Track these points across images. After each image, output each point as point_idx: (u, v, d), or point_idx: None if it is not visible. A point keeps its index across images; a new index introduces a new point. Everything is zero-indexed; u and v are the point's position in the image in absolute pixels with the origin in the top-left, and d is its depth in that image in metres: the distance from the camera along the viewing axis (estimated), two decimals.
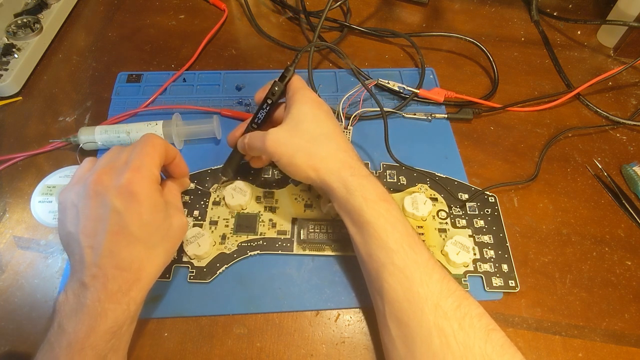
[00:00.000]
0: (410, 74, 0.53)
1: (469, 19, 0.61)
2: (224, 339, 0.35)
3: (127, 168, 0.30)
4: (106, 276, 0.28)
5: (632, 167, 0.44)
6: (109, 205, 0.28)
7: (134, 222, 0.29)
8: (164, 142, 0.33)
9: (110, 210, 0.28)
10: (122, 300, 0.28)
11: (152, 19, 0.60)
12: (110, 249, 0.28)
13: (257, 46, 0.57)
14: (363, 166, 0.34)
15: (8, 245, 0.40)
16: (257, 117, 0.38)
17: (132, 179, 0.29)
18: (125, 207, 0.28)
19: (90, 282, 0.27)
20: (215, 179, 0.42)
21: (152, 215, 0.30)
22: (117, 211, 0.28)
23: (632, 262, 0.40)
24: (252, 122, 0.38)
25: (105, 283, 0.28)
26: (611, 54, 0.57)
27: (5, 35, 0.52)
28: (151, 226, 0.30)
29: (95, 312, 0.27)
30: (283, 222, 0.40)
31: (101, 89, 0.51)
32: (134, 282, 0.29)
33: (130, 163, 0.30)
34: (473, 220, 0.41)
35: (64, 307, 0.28)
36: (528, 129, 0.49)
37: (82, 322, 0.27)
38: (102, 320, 0.27)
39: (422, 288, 0.29)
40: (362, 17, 0.61)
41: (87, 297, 0.27)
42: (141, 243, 0.29)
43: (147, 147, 0.31)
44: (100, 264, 0.28)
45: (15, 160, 0.45)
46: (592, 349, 0.35)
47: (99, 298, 0.27)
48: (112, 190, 0.29)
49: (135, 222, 0.29)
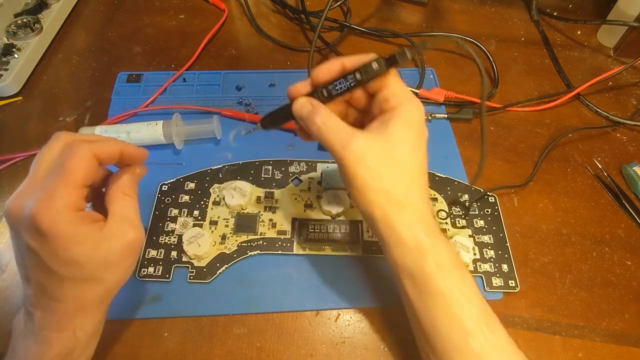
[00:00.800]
0: (410, 74, 0.53)
1: (469, 19, 0.61)
2: (224, 339, 0.35)
3: (37, 197, 0.25)
4: (43, 307, 0.26)
5: (632, 167, 0.44)
6: (23, 243, 0.25)
7: (52, 261, 0.25)
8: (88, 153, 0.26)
9: (25, 248, 0.25)
10: (67, 328, 0.27)
11: (152, 19, 0.60)
12: (39, 284, 0.26)
13: (257, 46, 0.57)
14: (435, 220, 0.29)
15: (8, 245, 0.40)
16: (336, 87, 0.29)
17: (41, 213, 0.24)
18: (39, 246, 0.24)
19: (32, 310, 0.26)
20: (214, 179, 0.43)
21: (72, 251, 0.25)
22: (32, 250, 0.25)
23: (632, 262, 0.40)
24: (324, 89, 0.29)
25: (44, 313, 0.26)
26: (611, 54, 0.57)
27: (5, 35, 0.52)
28: (76, 262, 0.25)
29: (41, 339, 0.26)
30: (283, 222, 0.40)
31: (101, 89, 0.51)
32: (75, 311, 0.27)
33: (44, 189, 0.25)
34: (473, 220, 0.41)
35: (16, 330, 0.27)
36: (528, 129, 0.49)
37: (30, 348, 0.26)
38: (48, 347, 0.26)
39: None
40: (362, 17, 0.61)
41: (31, 324, 0.26)
42: (71, 279, 0.26)
43: (63, 170, 0.26)
44: (35, 295, 0.26)
45: (15, 160, 0.45)
46: (592, 349, 0.35)
47: (42, 326, 0.26)
48: (23, 226, 0.25)
49: (55, 261, 0.25)
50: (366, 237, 0.39)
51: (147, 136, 0.44)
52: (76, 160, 0.26)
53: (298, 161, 0.44)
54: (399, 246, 0.28)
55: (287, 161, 0.44)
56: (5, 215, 0.26)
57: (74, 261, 0.25)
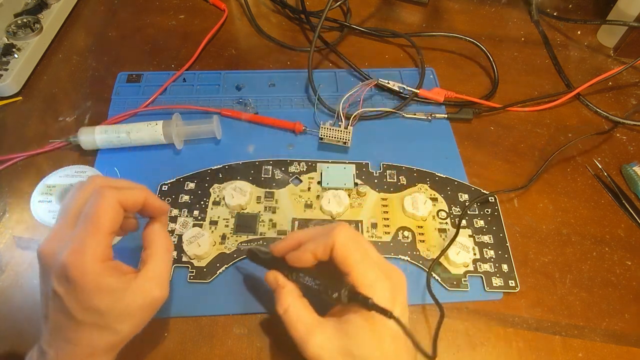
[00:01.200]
0: (410, 74, 0.53)
1: (469, 19, 0.61)
2: (224, 339, 0.35)
3: (68, 245, 0.26)
4: (57, 347, 0.27)
5: (632, 167, 0.44)
6: (50, 286, 0.26)
7: (74, 308, 0.26)
8: (114, 202, 0.28)
9: (51, 291, 0.26)
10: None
11: (152, 19, 0.60)
12: (57, 326, 0.27)
13: (257, 46, 0.57)
14: None
15: (8, 245, 0.40)
16: (301, 278, 0.31)
17: (69, 262, 0.25)
18: (65, 292, 0.26)
19: (46, 349, 0.27)
20: (214, 179, 0.43)
21: (95, 301, 0.26)
22: (57, 295, 0.26)
23: (632, 262, 0.40)
24: (293, 272, 0.31)
25: (57, 353, 0.27)
26: (611, 54, 0.57)
27: (5, 35, 0.52)
28: (98, 310, 0.26)
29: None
30: (283, 222, 0.40)
31: (101, 89, 0.51)
32: (87, 355, 0.27)
33: (74, 236, 0.27)
34: (473, 220, 0.41)
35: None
36: (528, 129, 0.49)
37: None
38: None
39: None
40: (362, 17, 0.61)
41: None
42: (88, 325, 0.27)
43: (91, 218, 0.27)
44: (52, 335, 0.27)
45: (15, 160, 0.45)
46: (592, 349, 0.35)
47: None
48: (53, 271, 0.26)
49: (76, 308, 0.26)
50: (366, 237, 0.39)
51: (147, 136, 0.44)
52: (103, 208, 0.27)
53: (298, 161, 0.44)
54: None
55: (287, 161, 0.44)
56: (38, 257, 0.27)
57: (95, 310, 0.26)
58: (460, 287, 0.37)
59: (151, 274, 0.29)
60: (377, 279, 0.28)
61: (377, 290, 0.28)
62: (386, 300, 0.28)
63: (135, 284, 0.28)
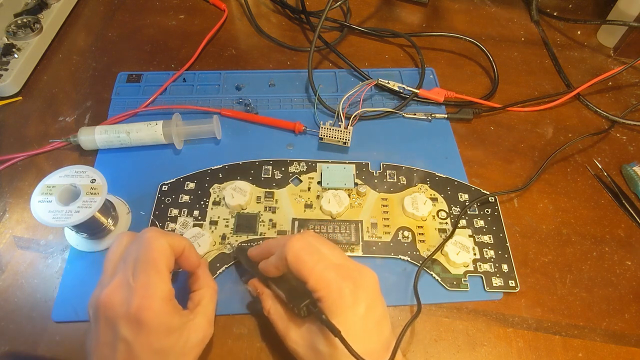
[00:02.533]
0: (410, 74, 0.53)
1: (469, 19, 0.61)
2: (224, 339, 0.35)
3: (134, 291, 0.27)
4: None
5: (632, 167, 0.44)
6: (118, 334, 0.27)
7: (144, 351, 0.27)
8: (166, 243, 0.29)
9: (119, 340, 0.27)
10: None
11: (152, 19, 0.60)
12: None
13: (257, 46, 0.57)
14: None
15: (8, 245, 0.40)
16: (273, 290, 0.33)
17: (141, 306, 0.26)
18: (134, 337, 0.27)
19: None
20: (214, 179, 0.43)
21: (163, 341, 0.27)
22: (126, 341, 0.27)
23: (632, 262, 0.40)
24: (270, 279, 0.33)
25: None
26: (611, 54, 0.57)
27: (5, 35, 0.52)
28: (164, 350, 0.27)
29: None
30: (283, 222, 0.40)
31: (101, 89, 0.51)
32: None
33: (137, 282, 0.27)
34: (473, 220, 0.41)
35: None
36: (528, 129, 0.49)
37: None
38: None
39: None
40: (362, 17, 0.61)
41: None
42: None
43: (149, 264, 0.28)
44: None
45: (15, 160, 0.45)
46: (592, 349, 0.35)
47: None
48: (121, 319, 0.27)
49: (146, 351, 0.27)
50: (366, 237, 0.39)
51: (147, 136, 0.44)
52: (158, 250, 0.29)
53: (298, 161, 0.44)
54: None
55: (287, 161, 0.44)
56: (97, 309, 0.28)
57: (162, 350, 0.27)
58: (460, 287, 0.37)
59: (204, 313, 0.31)
60: (334, 280, 0.28)
61: (334, 291, 0.28)
62: (346, 300, 0.28)
63: (193, 322, 0.30)
